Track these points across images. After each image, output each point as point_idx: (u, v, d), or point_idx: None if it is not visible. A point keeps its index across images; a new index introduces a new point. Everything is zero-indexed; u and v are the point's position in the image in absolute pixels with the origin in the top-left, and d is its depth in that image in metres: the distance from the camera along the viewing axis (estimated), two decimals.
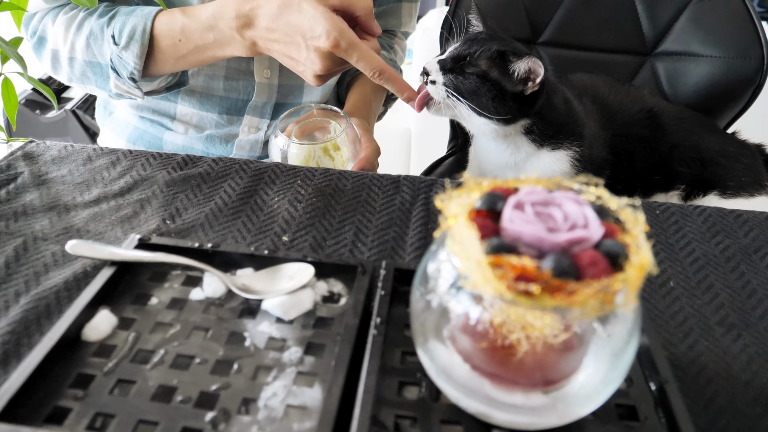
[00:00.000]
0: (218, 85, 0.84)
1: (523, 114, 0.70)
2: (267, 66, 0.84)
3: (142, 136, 0.88)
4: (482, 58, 0.68)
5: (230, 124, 0.88)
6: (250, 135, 0.89)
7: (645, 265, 0.27)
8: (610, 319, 0.31)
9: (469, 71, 0.68)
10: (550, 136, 0.72)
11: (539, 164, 0.73)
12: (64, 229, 0.53)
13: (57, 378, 0.36)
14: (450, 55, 0.71)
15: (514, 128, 0.71)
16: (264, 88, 0.85)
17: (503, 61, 0.68)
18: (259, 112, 0.87)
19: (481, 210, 0.31)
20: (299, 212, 0.57)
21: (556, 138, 0.72)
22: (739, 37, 0.90)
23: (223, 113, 0.87)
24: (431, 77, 0.70)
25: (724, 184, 0.78)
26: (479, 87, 0.68)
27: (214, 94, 0.85)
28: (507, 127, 0.70)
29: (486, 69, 0.68)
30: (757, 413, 0.39)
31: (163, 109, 0.86)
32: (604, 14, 0.97)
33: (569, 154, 0.73)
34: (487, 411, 0.32)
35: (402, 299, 0.43)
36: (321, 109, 0.76)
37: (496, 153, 0.77)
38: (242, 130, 0.88)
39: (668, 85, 0.96)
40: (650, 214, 0.59)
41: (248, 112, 0.87)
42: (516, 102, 0.68)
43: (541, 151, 0.73)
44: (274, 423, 0.33)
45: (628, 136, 0.78)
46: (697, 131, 0.81)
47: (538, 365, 0.31)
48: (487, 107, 0.68)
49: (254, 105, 0.86)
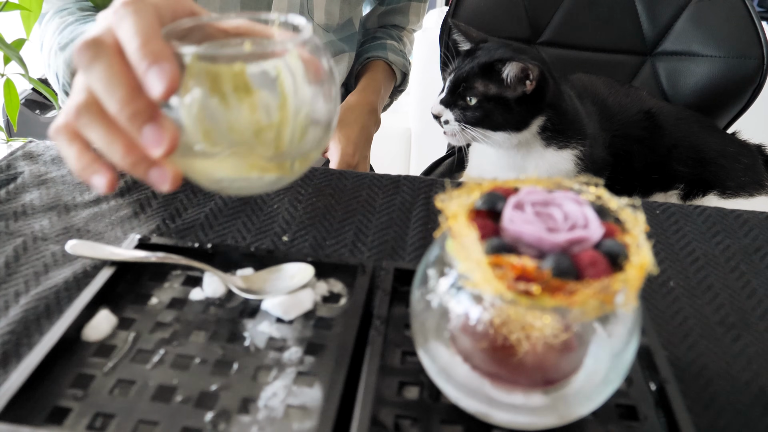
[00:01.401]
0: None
1: (536, 112, 0.70)
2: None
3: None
4: (475, 80, 0.70)
5: None
6: None
7: (645, 265, 0.27)
8: (610, 319, 0.31)
9: (469, 97, 0.70)
10: (562, 130, 0.72)
11: (543, 163, 0.73)
12: (64, 229, 0.53)
13: (57, 378, 0.36)
14: (447, 88, 0.73)
15: (530, 131, 0.71)
16: None
17: (494, 72, 0.69)
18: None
19: (481, 210, 0.31)
20: (299, 212, 0.57)
21: (565, 134, 0.72)
22: (739, 37, 0.90)
23: None
24: (443, 118, 0.73)
25: (723, 184, 0.78)
26: (484, 107, 0.69)
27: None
28: (524, 132, 0.71)
29: (483, 89, 0.69)
30: (757, 413, 0.39)
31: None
32: (604, 14, 0.97)
33: (575, 153, 0.73)
34: (487, 411, 0.32)
35: (402, 299, 0.43)
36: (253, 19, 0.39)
37: (499, 155, 0.77)
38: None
39: (668, 85, 0.96)
40: (650, 214, 0.59)
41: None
42: (523, 105, 0.69)
43: (548, 150, 0.73)
44: (274, 423, 0.33)
45: (628, 136, 0.78)
46: (696, 131, 0.81)
47: (538, 365, 0.31)
48: (499, 124, 0.70)
49: None
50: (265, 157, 0.36)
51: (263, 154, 0.36)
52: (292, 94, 0.35)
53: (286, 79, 0.35)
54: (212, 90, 0.33)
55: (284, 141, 0.35)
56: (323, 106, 0.37)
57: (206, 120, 0.34)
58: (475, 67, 0.69)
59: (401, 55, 0.99)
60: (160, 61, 0.31)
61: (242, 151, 0.35)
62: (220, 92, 0.33)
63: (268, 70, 0.34)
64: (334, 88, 0.38)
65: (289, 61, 0.35)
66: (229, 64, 0.33)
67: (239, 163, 0.36)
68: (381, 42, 0.98)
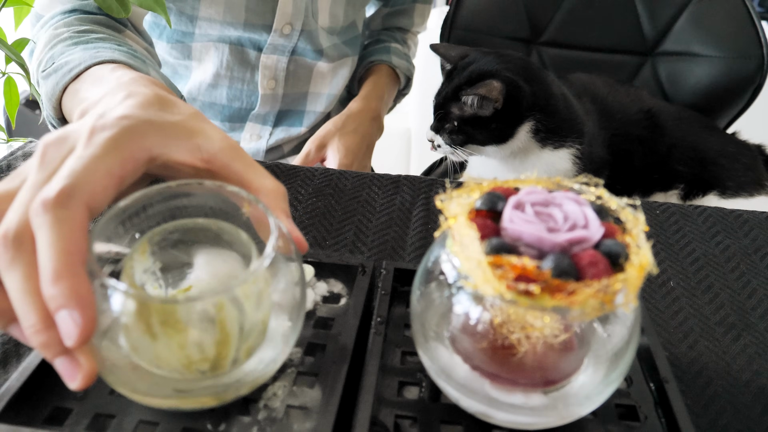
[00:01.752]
0: (221, 93, 0.83)
1: (517, 122, 0.71)
2: (272, 76, 0.83)
3: None
4: (451, 105, 0.73)
5: (232, 131, 0.87)
6: (251, 143, 0.88)
7: (645, 265, 0.27)
8: (610, 319, 0.31)
9: (450, 122, 0.73)
10: (556, 129, 0.72)
11: (541, 163, 0.74)
12: None
13: (57, 378, 0.36)
14: (434, 116, 0.76)
15: (520, 138, 0.72)
16: (268, 99, 0.84)
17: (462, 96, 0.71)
18: (261, 120, 0.87)
19: (481, 210, 0.31)
20: (299, 212, 0.57)
21: (559, 134, 0.72)
22: (739, 37, 0.90)
23: (225, 121, 0.86)
24: (435, 143, 0.77)
25: (723, 183, 0.78)
26: (464, 130, 0.73)
27: (216, 102, 0.84)
28: (513, 141, 0.72)
29: (459, 112, 0.72)
30: (757, 413, 0.39)
31: None
32: (604, 14, 0.97)
33: (571, 152, 0.73)
34: (487, 411, 0.32)
35: (402, 299, 0.43)
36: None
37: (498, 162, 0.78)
38: (244, 137, 0.88)
39: (668, 85, 0.96)
40: (650, 214, 0.59)
41: (251, 119, 0.86)
42: (500, 120, 0.70)
43: (544, 150, 0.73)
44: (275, 423, 0.33)
45: (627, 136, 0.79)
46: (696, 131, 0.81)
47: (539, 365, 0.31)
48: (484, 140, 0.72)
49: (257, 114, 0.86)
50: (199, 386, 0.31)
51: (196, 383, 0.31)
52: (236, 326, 0.31)
53: (229, 313, 0.30)
54: (137, 318, 0.29)
55: (223, 370, 0.32)
56: (282, 325, 0.33)
57: (130, 343, 0.30)
58: (449, 92, 0.72)
59: (405, 59, 0.99)
60: (71, 306, 0.27)
61: (172, 375, 0.31)
62: (145, 323, 0.29)
63: (205, 309, 0.30)
64: (302, 309, 0.34)
65: (239, 291, 0.30)
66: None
67: (168, 387, 0.31)
68: (385, 45, 0.98)
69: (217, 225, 0.34)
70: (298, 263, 0.33)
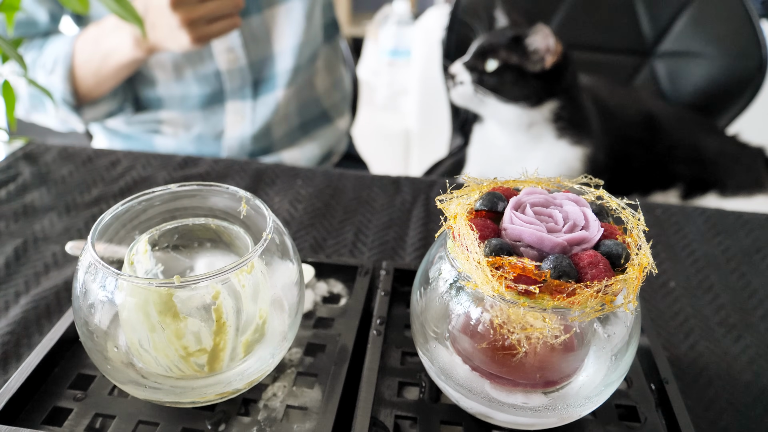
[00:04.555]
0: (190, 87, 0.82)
1: (551, 92, 0.72)
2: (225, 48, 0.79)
3: (133, 145, 0.88)
4: (500, 47, 0.71)
5: (215, 114, 0.85)
6: (236, 127, 0.86)
7: (645, 265, 0.27)
8: (610, 319, 0.31)
9: (490, 64, 0.71)
10: (577, 123, 0.73)
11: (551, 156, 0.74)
12: (64, 229, 0.53)
13: (57, 378, 0.36)
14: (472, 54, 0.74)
15: (541, 114, 0.72)
16: (235, 74, 0.82)
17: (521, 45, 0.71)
18: (239, 95, 0.84)
19: (481, 210, 0.31)
20: (299, 212, 0.57)
21: (578, 129, 0.73)
22: (738, 37, 0.90)
23: (205, 106, 0.84)
24: (458, 79, 0.73)
25: (723, 183, 0.78)
26: (502, 75, 0.71)
27: (190, 93, 0.83)
28: (535, 111, 0.72)
29: (505, 56, 0.71)
30: (758, 414, 0.39)
31: (148, 118, 0.85)
32: (604, 14, 0.97)
33: (585, 152, 0.74)
34: (487, 411, 0.32)
35: (402, 299, 0.43)
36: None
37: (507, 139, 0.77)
38: (228, 121, 0.85)
39: (668, 85, 0.96)
40: (650, 214, 0.59)
41: (228, 97, 0.84)
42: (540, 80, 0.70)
43: (559, 141, 0.73)
44: (275, 424, 0.33)
45: (627, 137, 0.79)
46: (695, 132, 0.82)
47: (539, 366, 0.31)
48: (513, 95, 0.71)
49: (231, 90, 0.83)
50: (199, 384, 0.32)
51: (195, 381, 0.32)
52: (233, 316, 0.32)
53: (225, 301, 0.31)
54: (137, 308, 0.30)
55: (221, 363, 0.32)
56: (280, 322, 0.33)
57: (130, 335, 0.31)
58: (505, 37, 0.71)
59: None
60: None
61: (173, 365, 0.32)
62: (144, 312, 0.30)
63: (202, 296, 0.30)
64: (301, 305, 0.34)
65: (234, 278, 0.31)
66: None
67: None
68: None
69: (217, 225, 0.35)
70: (296, 260, 0.34)
